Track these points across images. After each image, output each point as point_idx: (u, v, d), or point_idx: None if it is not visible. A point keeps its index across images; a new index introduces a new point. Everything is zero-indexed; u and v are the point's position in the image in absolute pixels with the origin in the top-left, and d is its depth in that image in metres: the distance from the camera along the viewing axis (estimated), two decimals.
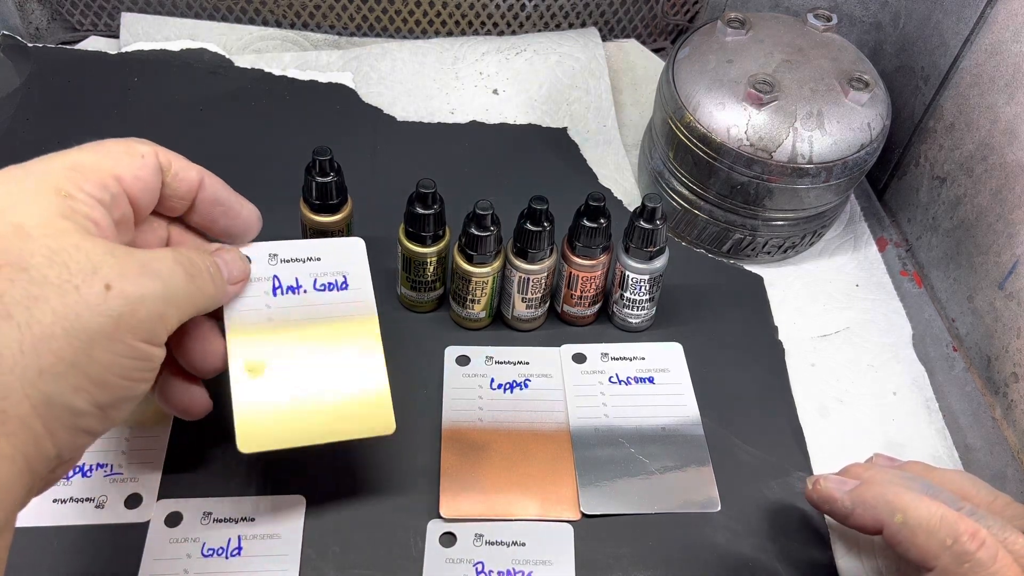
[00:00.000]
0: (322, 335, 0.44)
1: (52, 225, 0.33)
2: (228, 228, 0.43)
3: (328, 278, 0.46)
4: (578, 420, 0.50)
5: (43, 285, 0.32)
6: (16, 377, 0.30)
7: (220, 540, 0.44)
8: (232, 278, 0.42)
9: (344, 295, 0.45)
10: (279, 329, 0.44)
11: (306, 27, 0.71)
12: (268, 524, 0.44)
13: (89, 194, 0.35)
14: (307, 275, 0.45)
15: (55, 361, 0.31)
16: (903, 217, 0.66)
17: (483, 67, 0.69)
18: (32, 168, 0.35)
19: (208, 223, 0.42)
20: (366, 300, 0.46)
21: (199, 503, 0.45)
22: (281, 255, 0.46)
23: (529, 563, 0.44)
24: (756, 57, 0.56)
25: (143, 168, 0.38)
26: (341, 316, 0.45)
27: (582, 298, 0.53)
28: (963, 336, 0.59)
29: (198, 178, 0.41)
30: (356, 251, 0.47)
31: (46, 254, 0.32)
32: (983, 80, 0.57)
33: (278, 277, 0.45)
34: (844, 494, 0.41)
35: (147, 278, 0.35)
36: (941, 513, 0.37)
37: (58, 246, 0.33)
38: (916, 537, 0.37)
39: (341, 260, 0.46)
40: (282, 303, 0.44)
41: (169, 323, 0.36)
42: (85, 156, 0.36)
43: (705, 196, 0.57)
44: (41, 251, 0.32)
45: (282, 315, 0.44)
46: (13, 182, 0.34)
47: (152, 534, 0.44)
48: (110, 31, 0.71)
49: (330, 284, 0.46)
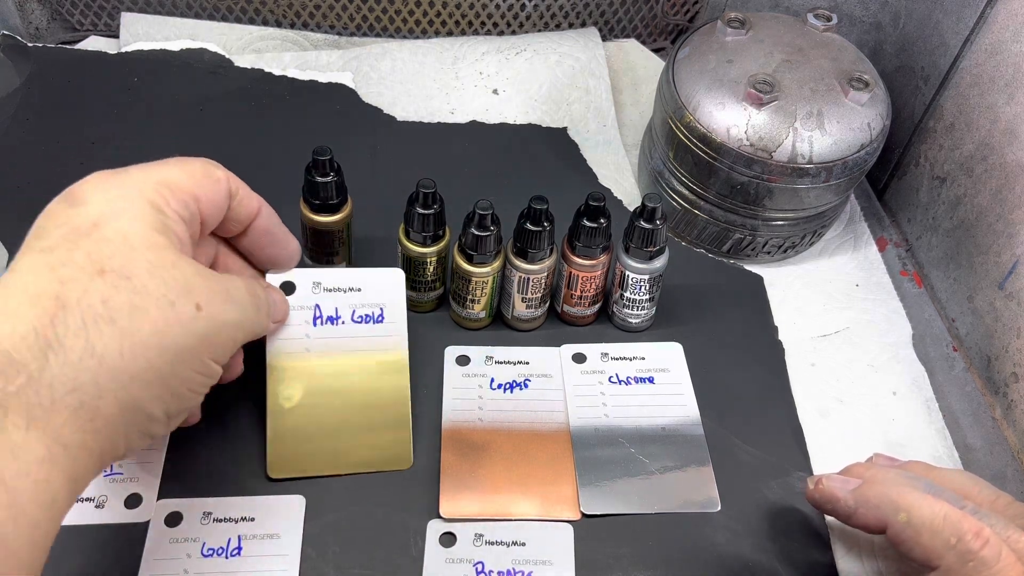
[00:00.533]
0: (355, 367, 0.47)
1: (151, 239, 0.35)
2: (272, 257, 0.45)
3: (366, 310, 0.48)
4: (578, 420, 0.50)
5: (144, 296, 0.34)
6: (112, 379, 0.33)
7: (220, 540, 0.44)
8: (275, 318, 0.45)
9: (379, 328, 0.48)
10: (315, 359, 0.47)
11: (306, 27, 0.71)
12: (268, 524, 0.44)
13: (175, 211, 0.37)
14: (347, 306, 0.48)
15: (146, 370, 0.34)
16: (903, 217, 0.66)
17: (483, 67, 0.69)
18: (128, 178, 0.37)
19: (255, 249, 0.45)
20: (399, 334, 0.48)
21: (199, 503, 0.45)
22: (324, 284, 0.48)
23: (529, 563, 0.44)
24: (756, 57, 0.56)
25: (217, 192, 0.40)
26: (374, 349, 0.48)
27: (582, 298, 0.53)
28: (963, 336, 0.59)
29: (257, 207, 0.43)
30: (395, 283, 0.49)
31: (147, 267, 0.34)
32: (983, 80, 0.57)
33: (319, 307, 0.48)
34: (847, 493, 0.40)
35: (230, 304, 0.38)
36: (945, 512, 0.37)
37: (157, 260, 0.35)
38: (920, 536, 0.37)
39: (380, 292, 0.49)
40: (321, 333, 0.47)
41: (236, 346, 0.40)
42: (173, 173, 0.38)
43: (705, 196, 0.58)
44: (143, 263, 0.34)
45: (320, 346, 0.47)
46: (115, 189, 0.36)
47: (152, 534, 0.43)
48: (110, 31, 0.71)
49: (367, 316, 0.48)
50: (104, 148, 0.61)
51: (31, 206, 0.57)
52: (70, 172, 0.59)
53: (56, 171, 0.60)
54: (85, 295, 0.33)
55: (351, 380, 0.47)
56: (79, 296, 0.33)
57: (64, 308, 0.32)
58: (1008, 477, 0.52)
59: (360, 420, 0.46)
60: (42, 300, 0.32)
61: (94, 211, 0.35)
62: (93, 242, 0.34)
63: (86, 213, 0.35)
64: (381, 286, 0.49)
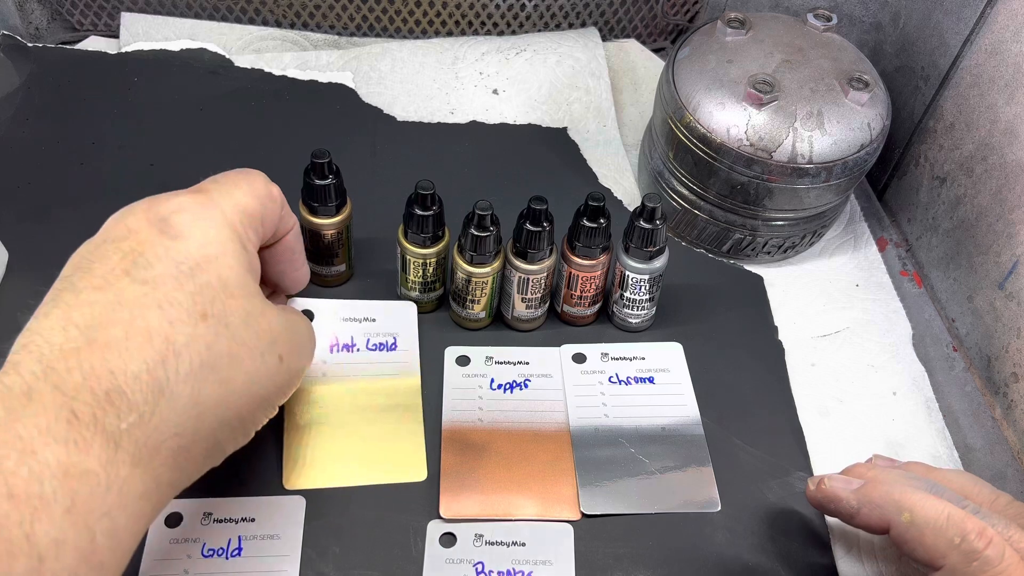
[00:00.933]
0: (369, 390, 0.49)
1: (245, 284, 0.36)
2: (283, 275, 0.45)
3: (380, 339, 0.51)
4: (578, 420, 0.50)
5: (240, 345, 0.35)
6: (207, 426, 0.34)
7: (221, 540, 0.44)
8: None
9: (392, 355, 0.51)
10: (332, 383, 0.49)
11: (306, 27, 0.71)
12: (268, 524, 0.44)
13: (253, 243, 0.38)
14: (362, 335, 0.51)
15: (234, 417, 0.35)
16: (903, 217, 0.66)
17: (483, 67, 0.69)
18: (218, 209, 0.36)
19: (272, 263, 0.44)
20: (411, 361, 0.51)
21: (199, 503, 0.45)
22: (342, 314, 0.52)
23: (529, 563, 0.44)
24: (756, 57, 0.56)
25: (275, 212, 0.40)
26: (388, 374, 0.50)
27: (582, 298, 0.53)
28: (963, 336, 0.59)
29: (293, 223, 0.43)
30: (408, 314, 0.53)
31: (242, 316, 0.35)
32: (983, 80, 0.57)
33: (336, 335, 0.51)
34: (850, 493, 0.40)
35: (303, 354, 0.39)
36: (948, 511, 0.37)
37: (251, 308, 0.35)
38: (924, 536, 0.37)
39: (394, 322, 0.52)
40: (337, 359, 0.50)
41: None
42: (247, 198, 0.38)
43: (705, 196, 0.57)
44: (239, 311, 0.35)
45: (336, 371, 0.50)
46: (209, 222, 0.36)
47: (152, 534, 0.43)
48: (110, 31, 0.71)
49: (381, 344, 0.51)
50: (104, 148, 0.61)
51: (31, 206, 0.58)
52: (70, 172, 0.60)
53: (56, 171, 0.60)
54: (193, 340, 0.33)
55: (365, 401, 0.49)
56: (187, 340, 0.33)
57: (175, 352, 0.32)
58: (1008, 477, 0.52)
59: (373, 438, 0.48)
60: (154, 340, 0.32)
61: (195, 250, 0.34)
62: (197, 285, 0.34)
63: (187, 251, 0.34)
64: (395, 317, 0.52)
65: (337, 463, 0.46)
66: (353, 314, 0.52)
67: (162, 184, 0.59)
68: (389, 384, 0.50)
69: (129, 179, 0.60)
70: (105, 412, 0.30)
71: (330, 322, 0.51)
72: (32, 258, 0.54)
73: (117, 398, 0.31)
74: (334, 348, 0.51)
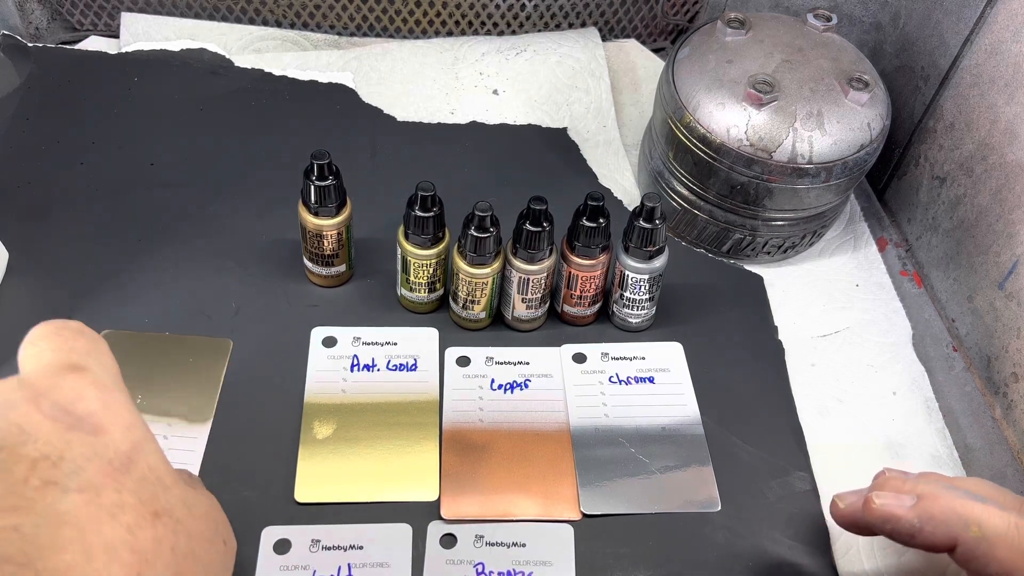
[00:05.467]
0: (387, 409, 0.50)
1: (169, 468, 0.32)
2: None
3: (400, 360, 0.52)
4: (578, 420, 0.50)
5: (191, 538, 0.32)
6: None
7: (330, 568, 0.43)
8: None
9: (412, 375, 0.51)
10: (350, 400, 0.50)
11: (306, 27, 0.71)
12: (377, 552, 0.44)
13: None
14: (383, 356, 0.52)
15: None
16: (903, 217, 0.66)
17: (483, 67, 0.69)
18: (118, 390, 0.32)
19: None
20: (431, 381, 0.51)
21: (307, 530, 0.44)
22: (363, 338, 0.52)
23: (529, 564, 0.44)
24: (756, 57, 0.56)
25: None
26: (406, 392, 0.50)
27: (582, 298, 0.53)
28: (963, 336, 0.59)
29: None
30: (430, 338, 0.53)
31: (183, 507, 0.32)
32: (983, 80, 0.57)
33: (357, 356, 0.52)
34: (907, 511, 0.37)
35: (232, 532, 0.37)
36: (1014, 521, 0.35)
37: (185, 496, 0.32)
38: (996, 550, 0.34)
39: (415, 345, 0.53)
40: (357, 378, 0.51)
41: None
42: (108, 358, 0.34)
43: (705, 196, 0.58)
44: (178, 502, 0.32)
45: (356, 389, 0.50)
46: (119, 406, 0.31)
47: (262, 561, 0.43)
48: (110, 31, 0.71)
49: (401, 365, 0.52)
50: (104, 148, 0.61)
51: (31, 206, 0.58)
52: (70, 172, 0.60)
53: (56, 171, 0.60)
54: (156, 544, 0.29)
55: (382, 418, 0.49)
56: (151, 546, 0.29)
57: (145, 562, 0.28)
58: (1008, 477, 0.52)
59: (388, 455, 0.48)
60: (120, 554, 0.28)
61: (120, 443, 0.30)
62: (135, 482, 0.29)
63: (113, 445, 0.29)
64: (416, 340, 0.53)
65: (349, 479, 0.46)
66: (375, 339, 0.52)
67: (162, 184, 0.60)
68: (407, 402, 0.50)
69: (129, 179, 0.60)
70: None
71: (350, 346, 0.52)
72: (32, 258, 0.54)
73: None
74: (355, 367, 0.51)
